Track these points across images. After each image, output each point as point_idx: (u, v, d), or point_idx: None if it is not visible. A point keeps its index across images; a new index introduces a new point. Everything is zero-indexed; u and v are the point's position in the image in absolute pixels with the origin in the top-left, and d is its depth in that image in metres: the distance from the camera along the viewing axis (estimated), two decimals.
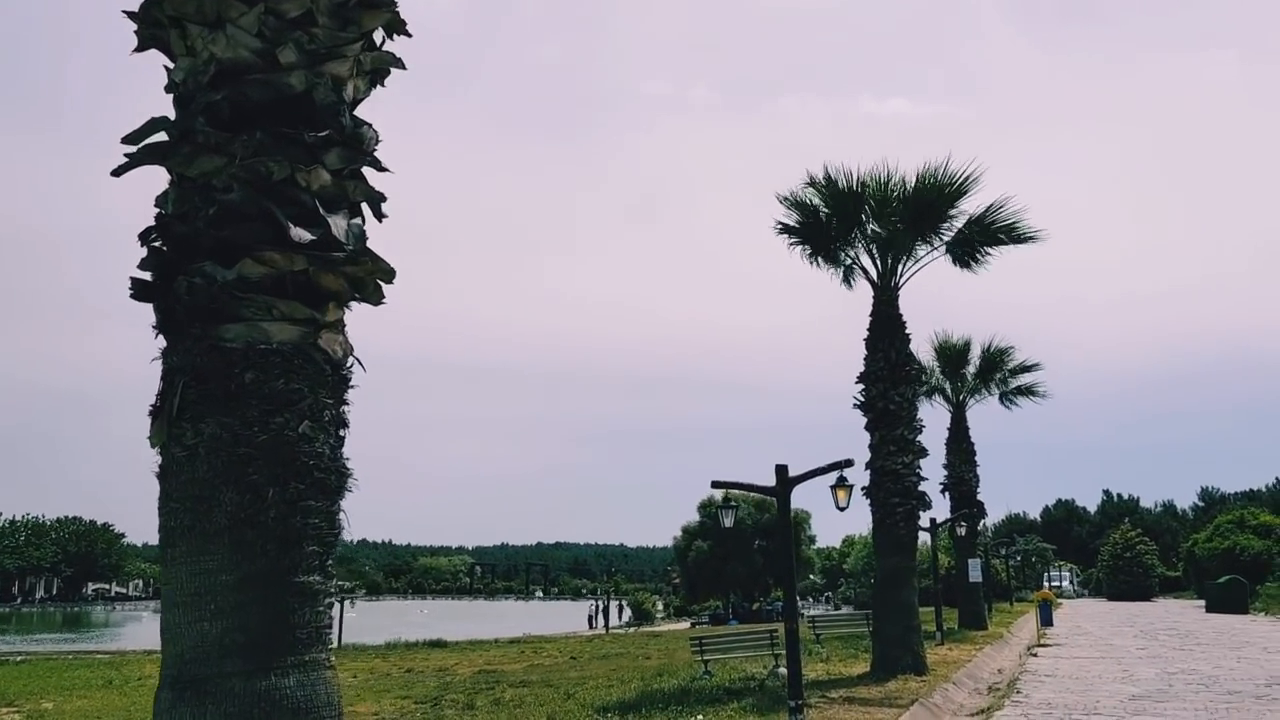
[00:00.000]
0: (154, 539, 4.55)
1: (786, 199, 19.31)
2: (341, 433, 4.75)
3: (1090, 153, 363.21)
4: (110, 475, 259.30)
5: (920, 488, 18.88)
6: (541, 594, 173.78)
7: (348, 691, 21.39)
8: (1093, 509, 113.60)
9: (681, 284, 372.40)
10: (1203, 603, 51.09)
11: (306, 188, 4.58)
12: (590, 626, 58.34)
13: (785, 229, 19.40)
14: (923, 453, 19.14)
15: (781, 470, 11.64)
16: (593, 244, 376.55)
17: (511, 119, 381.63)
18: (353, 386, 4.86)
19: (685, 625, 57.36)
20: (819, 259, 19.88)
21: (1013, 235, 19.56)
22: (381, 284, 4.94)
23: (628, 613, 65.72)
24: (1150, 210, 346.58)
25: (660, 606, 72.59)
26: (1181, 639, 29.07)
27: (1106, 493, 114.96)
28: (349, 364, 4.86)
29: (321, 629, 4.52)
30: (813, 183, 18.92)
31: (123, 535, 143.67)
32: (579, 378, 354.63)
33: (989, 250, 19.89)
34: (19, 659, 36.12)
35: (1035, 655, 24.08)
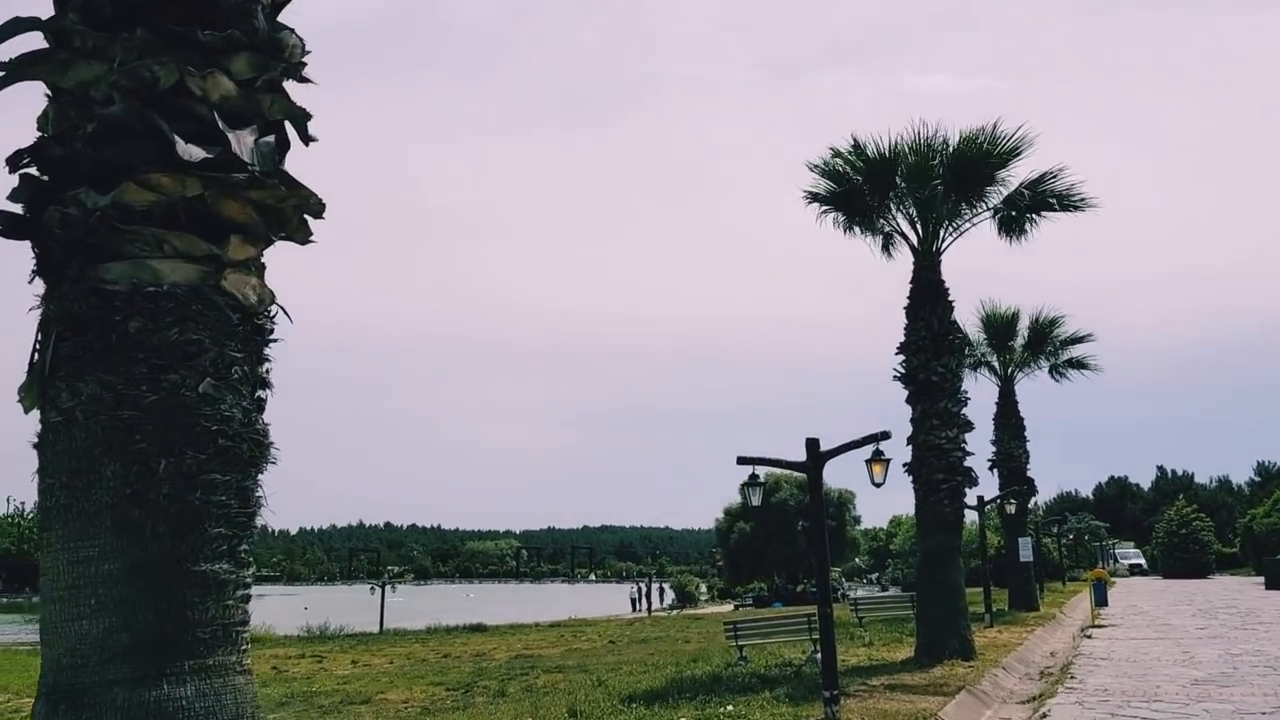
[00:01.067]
0: None
1: (817, 167, 18.32)
2: (260, 394, 3.99)
3: (1138, 122, 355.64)
4: None
5: (966, 463, 17.88)
6: (594, 576, 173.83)
7: (381, 678, 20.94)
8: (1146, 485, 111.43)
9: (722, 264, 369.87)
10: (1261, 579, 49.48)
11: (204, 98, 3.81)
12: (633, 609, 57.76)
13: (815, 198, 18.39)
14: (968, 426, 18.12)
15: (812, 444, 10.80)
16: (633, 226, 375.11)
17: (548, 106, 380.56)
18: (274, 340, 4.08)
19: (729, 608, 56.62)
20: (855, 227, 18.89)
21: (1065, 202, 18.40)
22: (309, 219, 4.15)
23: (671, 595, 65.08)
24: (1200, 178, 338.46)
25: (704, 589, 71.86)
26: (1243, 618, 27.83)
27: (1160, 469, 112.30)
28: (269, 313, 4.08)
29: (232, 626, 3.76)
30: (839, 154, 17.91)
31: None
32: (623, 360, 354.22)
33: (1037, 218, 18.78)
34: None
35: (1090, 637, 23.04)
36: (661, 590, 65.02)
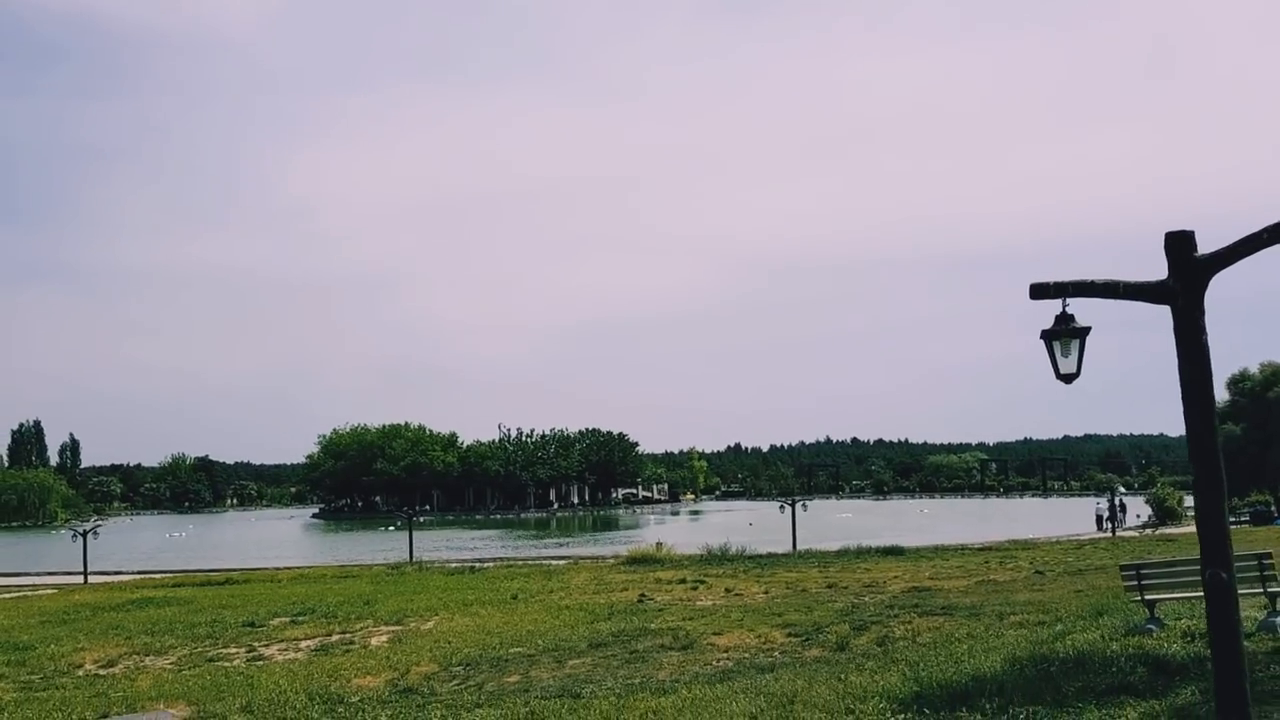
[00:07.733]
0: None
1: None
2: None
3: None
4: (623, 388, 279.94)
5: None
6: (1124, 490, 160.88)
7: (734, 613, 18.25)
8: None
9: (1195, 139, 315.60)
10: None
11: None
12: (1098, 528, 50.23)
13: None
14: None
15: (1178, 240, 5.35)
16: (1103, 111, 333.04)
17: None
18: None
19: None
20: None
21: None
22: None
23: (1147, 511, 55.99)
24: None
25: (1189, 504, 61.29)
26: None
27: None
28: None
29: None
30: None
31: (636, 444, 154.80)
32: (1104, 254, 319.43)
33: None
34: (485, 564, 37.46)
35: None
36: (1123, 506, 55.73)
